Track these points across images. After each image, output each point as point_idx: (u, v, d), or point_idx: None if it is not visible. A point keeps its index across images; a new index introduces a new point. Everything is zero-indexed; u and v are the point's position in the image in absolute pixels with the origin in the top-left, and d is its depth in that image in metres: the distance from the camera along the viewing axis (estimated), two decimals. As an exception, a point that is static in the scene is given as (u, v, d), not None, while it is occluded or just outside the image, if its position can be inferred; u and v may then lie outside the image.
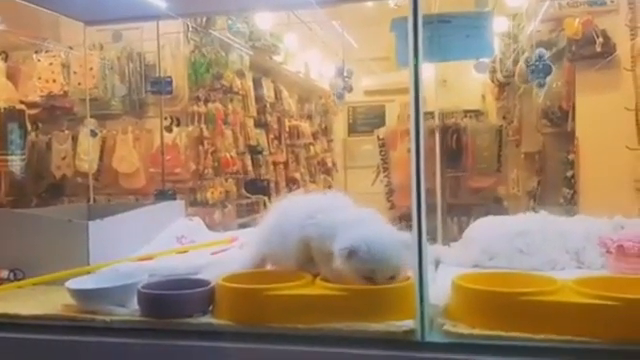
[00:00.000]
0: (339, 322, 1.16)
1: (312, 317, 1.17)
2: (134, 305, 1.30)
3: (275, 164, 6.37)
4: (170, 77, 3.58)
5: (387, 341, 1.13)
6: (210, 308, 1.28)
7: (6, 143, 4.65)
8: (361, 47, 6.86)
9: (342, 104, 6.59)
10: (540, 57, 2.49)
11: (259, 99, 5.98)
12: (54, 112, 4.98)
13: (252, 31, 5.47)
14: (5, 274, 1.60)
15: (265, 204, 5.84)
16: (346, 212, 1.32)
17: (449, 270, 1.63)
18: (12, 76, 4.88)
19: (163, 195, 2.89)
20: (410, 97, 1.17)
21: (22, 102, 4.80)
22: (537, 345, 1.07)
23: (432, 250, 1.77)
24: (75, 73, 4.74)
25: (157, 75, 3.72)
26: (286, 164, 6.67)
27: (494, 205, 4.76)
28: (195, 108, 4.83)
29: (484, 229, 1.75)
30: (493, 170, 4.32)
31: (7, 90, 4.74)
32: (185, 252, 1.79)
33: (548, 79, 2.50)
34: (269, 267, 1.44)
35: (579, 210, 3.60)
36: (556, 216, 1.75)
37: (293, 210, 1.37)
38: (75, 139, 4.86)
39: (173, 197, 2.86)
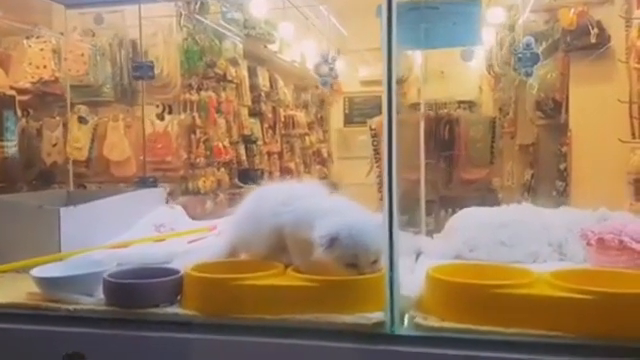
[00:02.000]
0: (308, 313, 1.13)
1: (280, 308, 1.14)
2: (100, 294, 1.27)
3: (269, 154, 6.31)
4: (152, 62, 3.53)
5: (356, 333, 1.10)
6: (178, 298, 1.25)
7: (-4, 129, 4.60)
8: (358, 37, 6.80)
9: (329, 91, 6.55)
10: (527, 45, 2.44)
11: (254, 88, 5.92)
12: (45, 98, 4.92)
13: (246, 19, 5.41)
14: (-26, 261, 1.57)
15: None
16: (322, 200, 1.29)
17: (429, 262, 1.60)
18: (2, 62, 4.82)
19: (144, 182, 2.85)
20: (383, 86, 1.13)
21: (12, 88, 4.74)
22: (508, 339, 1.03)
23: (414, 241, 1.75)
24: (66, 59, 4.68)
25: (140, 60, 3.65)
26: (281, 154, 6.61)
27: (488, 197, 4.73)
28: (187, 96, 4.78)
29: (467, 220, 1.71)
30: (486, 162, 4.27)
31: (-2, 76, 4.68)
32: (162, 240, 1.75)
33: (535, 68, 2.45)
34: (243, 256, 1.41)
35: (571, 203, 3.56)
36: (540, 208, 1.71)
37: (267, 198, 1.33)
38: (66, 126, 4.81)
39: (154, 184, 2.82)
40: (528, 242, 1.58)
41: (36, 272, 1.30)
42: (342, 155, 8.17)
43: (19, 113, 4.77)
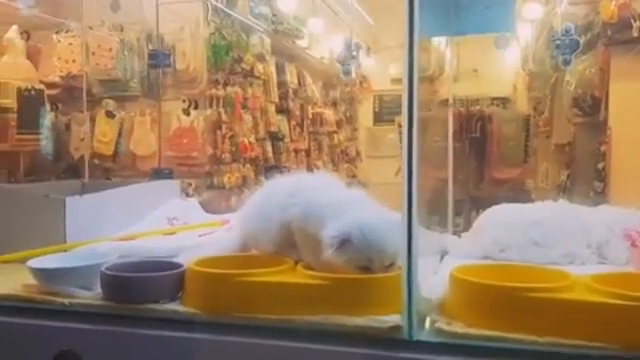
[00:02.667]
0: (317, 314, 1.02)
1: (286, 307, 1.04)
2: (99, 288, 1.18)
3: (296, 151, 6.23)
4: (169, 51, 3.46)
5: (369, 337, 0.99)
6: (180, 294, 1.15)
7: (25, 123, 4.60)
8: (389, 34, 6.68)
9: (358, 88, 6.42)
10: (567, 31, 2.28)
11: (281, 85, 5.84)
12: (73, 92, 4.92)
13: (275, 14, 5.33)
14: (-22, 250, 1.50)
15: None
16: (332, 192, 1.18)
17: (454, 262, 1.48)
18: (33, 56, 4.84)
19: (159, 174, 2.77)
20: (404, 79, 1.02)
21: (42, 82, 4.75)
22: (542, 349, 0.92)
23: (439, 240, 1.63)
24: (94, 54, 4.66)
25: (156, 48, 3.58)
26: (308, 152, 6.51)
27: (520, 198, 4.56)
28: (214, 91, 4.72)
29: (497, 218, 1.59)
30: (519, 161, 4.09)
31: (27, 70, 4.70)
32: (172, 233, 1.67)
33: (574, 56, 2.30)
34: (253, 251, 1.31)
35: (609, 204, 3.37)
36: (578, 205, 1.58)
37: (275, 190, 1.23)
38: (93, 120, 4.80)
39: (169, 176, 2.74)
40: (564, 242, 1.45)
41: (33, 263, 1.23)
42: (371, 154, 8.04)
43: (48, 107, 4.79)
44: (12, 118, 4.27)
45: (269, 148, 5.58)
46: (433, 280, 1.16)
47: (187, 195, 4.37)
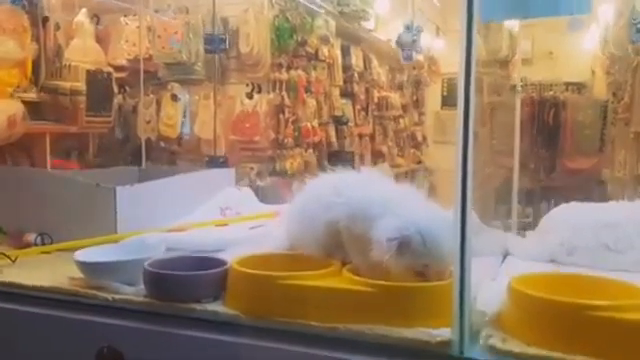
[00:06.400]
0: (361, 323, 0.96)
1: (329, 315, 0.98)
2: (142, 283, 1.16)
3: (361, 136, 6.13)
4: (225, 35, 3.42)
5: (416, 352, 0.92)
6: (223, 293, 1.12)
7: (95, 105, 4.72)
8: (459, 16, 6.45)
9: (426, 71, 6.22)
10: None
11: (346, 68, 5.75)
12: (140, 76, 5.01)
13: (340, -5, 5.24)
14: (33, 238, 1.52)
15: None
16: (380, 189, 1.10)
17: (517, 265, 1.38)
18: (102, 39, 4.95)
19: (214, 162, 2.75)
20: (460, 63, 0.93)
21: (110, 65, 4.85)
22: (609, 376, 0.82)
23: (500, 239, 1.53)
24: (159, 37, 4.72)
25: (212, 33, 3.54)
26: (372, 136, 6.40)
27: (595, 188, 4.32)
28: (277, 75, 4.68)
29: (565, 217, 1.47)
30: (595, 150, 3.85)
31: (96, 53, 4.80)
32: (223, 225, 1.64)
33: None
34: (299, 251, 1.25)
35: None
36: (657, 206, 1.44)
37: (319, 189, 1.17)
38: (159, 103, 4.87)
39: (224, 164, 2.72)
40: (639, 247, 1.33)
41: (79, 255, 1.22)
42: (438, 139, 7.84)
43: (115, 90, 4.89)
44: (82, 101, 4.38)
45: (333, 132, 5.52)
46: (490, 288, 1.07)
47: (250, 181, 4.39)
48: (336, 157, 5.64)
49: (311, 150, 5.04)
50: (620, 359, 0.82)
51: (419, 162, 7.44)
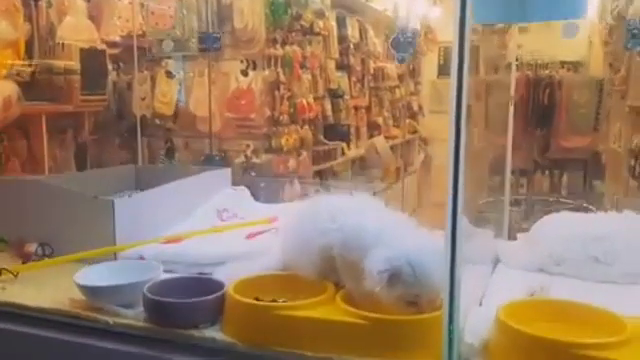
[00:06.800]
0: (353, 354, 1.00)
1: (323, 345, 1.02)
2: (142, 305, 1.19)
3: (356, 108, 6.12)
4: (218, 32, 3.40)
5: (407, 384, 0.96)
6: (220, 317, 1.15)
7: (89, 83, 4.69)
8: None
9: (422, 40, 6.15)
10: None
11: (342, 40, 5.69)
12: (133, 52, 4.95)
13: (335, -35, 5.16)
14: (33, 247, 1.55)
15: (344, 151, 5.66)
16: (373, 217, 1.12)
17: (507, 274, 1.42)
18: (94, 16, 4.88)
19: (211, 160, 2.76)
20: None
21: (103, 41, 4.80)
22: (591, 414, 0.86)
23: (491, 245, 1.56)
24: (153, 13, 4.66)
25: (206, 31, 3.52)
26: (368, 108, 6.39)
27: (590, 160, 4.35)
28: (272, 51, 4.64)
29: (554, 227, 1.50)
30: (589, 129, 3.87)
31: (89, 30, 4.74)
32: (219, 232, 1.67)
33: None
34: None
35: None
36: (646, 217, 1.47)
37: (315, 213, 1.19)
38: (154, 80, 4.84)
39: (221, 163, 2.73)
40: (627, 260, 1.36)
41: (79, 277, 1.24)
42: (434, 108, 7.82)
43: (109, 67, 4.85)
44: (76, 80, 4.35)
45: (328, 106, 5.50)
46: (478, 314, 1.10)
47: (246, 158, 4.41)
48: (332, 130, 5.64)
49: (307, 126, 5.04)
50: (601, 398, 0.86)
51: (414, 132, 7.44)
